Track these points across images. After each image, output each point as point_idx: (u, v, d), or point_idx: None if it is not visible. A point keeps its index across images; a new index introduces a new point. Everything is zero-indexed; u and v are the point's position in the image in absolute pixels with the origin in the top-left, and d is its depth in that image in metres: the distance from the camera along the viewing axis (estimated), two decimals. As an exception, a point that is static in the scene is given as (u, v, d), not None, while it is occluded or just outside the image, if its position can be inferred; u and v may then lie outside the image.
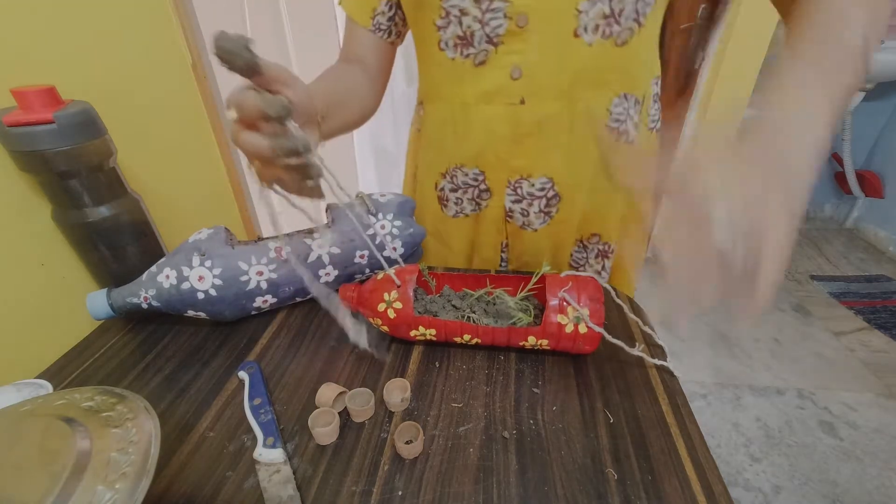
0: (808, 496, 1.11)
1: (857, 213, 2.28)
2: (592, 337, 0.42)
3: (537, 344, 0.43)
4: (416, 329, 0.44)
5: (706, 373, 1.48)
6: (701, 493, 0.33)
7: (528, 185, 0.55)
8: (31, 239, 0.48)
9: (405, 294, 0.44)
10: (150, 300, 0.46)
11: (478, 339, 0.45)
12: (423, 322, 0.44)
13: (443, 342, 0.46)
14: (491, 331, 0.43)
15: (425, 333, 0.45)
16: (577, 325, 0.41)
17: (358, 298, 0.47)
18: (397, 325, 0.44)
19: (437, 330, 0.44)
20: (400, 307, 0.43)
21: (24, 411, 0.30)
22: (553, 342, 0.43)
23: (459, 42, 0.48)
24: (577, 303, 0.41)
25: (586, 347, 0.43)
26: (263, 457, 0.35)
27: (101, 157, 0.47)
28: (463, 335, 0.44)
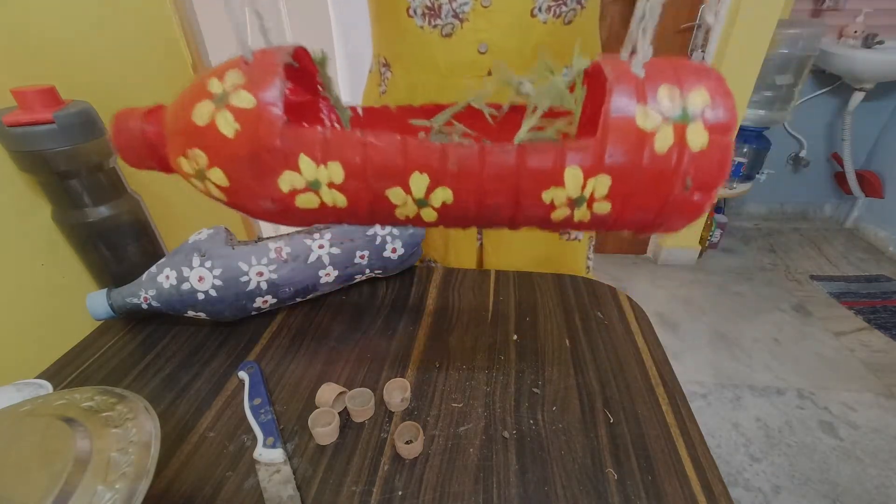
0: (808, 496, 1.11)
1: (857, 213, 2.28)
2: (714, 160, 0.20)
3: (584, 195, 0.20)
4: (296, 169, 0.20)
5: (706, 373, 1.48)
6: (701, 493, 0.33)
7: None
8: (31, 239, 0.48)
9: (263, 73, 0.20)
10: (150, 300, 0.46)
11: (447, 188, 0.21)
12: (309, 144, 0.20)
13: (363, 210, 0.22)
14: (478, 159, 0.20)
15: (318, 181, 0.20)
16: (681, 130, 0.19)
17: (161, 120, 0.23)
18: (247, 163, 0.20)
19: (349, 167, 0.20)
20: (250, 106, 0.20)
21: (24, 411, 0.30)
22: (623, 184, 0.20)
23: (427, 12, 0.51)
24: (676, 84, 0.19)
25: (695, 198, 0.20)
26: (263, 457, 0.35)
27: (101, 157, 0.47)
28: (410, 177, 0.20)
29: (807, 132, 2.16)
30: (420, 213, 0.22)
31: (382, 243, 0.52)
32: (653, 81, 0.20)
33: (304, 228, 0.51)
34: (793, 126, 2.14)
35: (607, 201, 0.20)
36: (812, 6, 1.88)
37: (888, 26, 1.85)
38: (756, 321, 1.71)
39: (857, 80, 1.88)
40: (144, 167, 0.25)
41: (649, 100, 0.19)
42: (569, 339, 0.48)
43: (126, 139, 0.23)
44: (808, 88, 2.05)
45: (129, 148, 0.24)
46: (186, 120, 0.21)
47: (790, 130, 2.17)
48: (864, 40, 1.84)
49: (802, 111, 2.07)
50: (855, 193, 2.20)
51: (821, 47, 1.79)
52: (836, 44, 1.89)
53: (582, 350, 0.46)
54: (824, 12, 1.88)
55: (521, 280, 0.57)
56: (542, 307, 0.53)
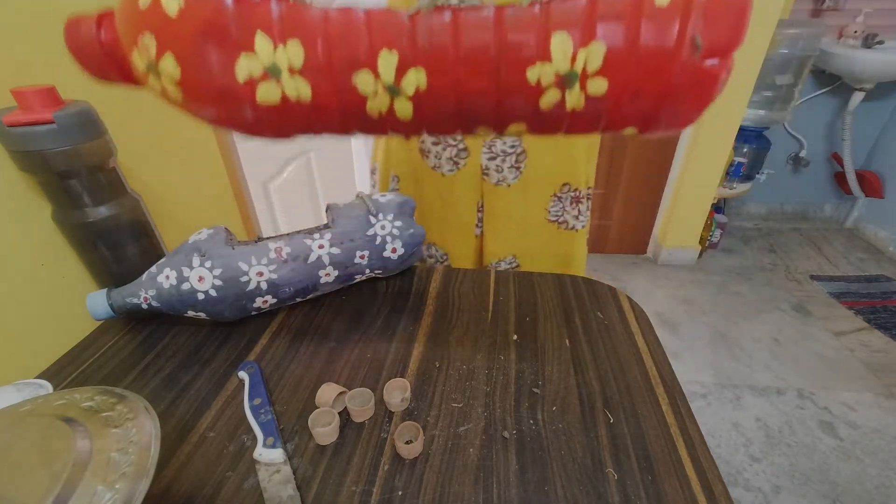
0: (808, 496, 1.11)
1: (857, 213, 2.28)
2: (733, 7, 0.17)
3: (574, 70, 0.17)
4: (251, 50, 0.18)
5: (706, 373, 1.48)
6: (701, 493, 0.33)
7: (502, 143, 0.64)
8: (31, 239, 0.48)
9: None
10: (150, 300, 0.46)
11: (420, 68, 0.18)
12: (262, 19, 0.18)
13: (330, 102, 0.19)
14: (450, 30, 0.17)
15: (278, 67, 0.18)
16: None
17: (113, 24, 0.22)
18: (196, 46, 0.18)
19: (309, 47, 0.18)
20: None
21: (24, 411, 0.30)
22: (619, 54, 0.17)
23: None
24: None
25: (706, 66, 0.18)
26: (263, 457, 0.35)
27: (101, 157, 0.47)
28: (378, 56, 0.18)
29: (807, 132, 2.16)
30: (394, 107, 0.19)
31: (382, 243, 0.52)
32: None
33: (304, 229, 0.51)
34: (793, 126, 2.14)
35: (603, 77, 0.17)
36: (812, 6, 1.88)
37: (888, 26, 1.85)
38: (756, 321, 1.71)
39: (857, 80, 1.88)
40: (107, 78, 0.23)
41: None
42: (569, 339, 0.48)
43: (81, 47, 0.21)
44: (808, 88, 2.05)
45: (86, 56, 0.22)
46: (132, 5, 0.19)
47: (790, 130, 2.17)
48: (864, 40, 1.84)
49: (802, 111, 2.07)
50: (855, 193, 2.20)
51: (821, 47, 1.79)
52: (836, 44, 1.89)
53: (582, 350, 0.46)
54: (824, 12, 1.88)
55: (521, 280, 0.57)
56: (542, 307, 0.53)
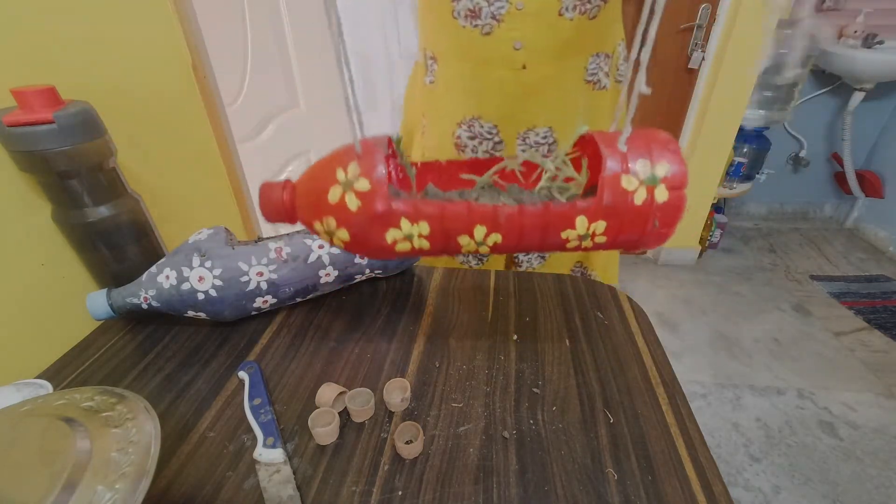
0: (808, 496, 1.11)
1: (857, 213, 2.28)
2: (673, 207, 0.29)
3: (588, 233, 0.30)
4: (397, 227, 0.29)
5: (706, 373, 1.48)
6: (701, 493, 0.33)
7: (535, 134, 0.67)
8: (31, 239, 0.48)
9: (372, 165, 0.28)
10: (150, 300, 0.46)
11: (498, 233, 0.30)
12: (407, 213, 0.29)
13: (440, 249, 0.31)
14: (518, 215, 0.29)
15: (412, 234, 0.29)
16: (651, 189, 0.28)
17: (294, 192, 0.31)
18: (365, 226, 0.29)
19: (432, 224, 0.29)
20: (366, 189, 0.28)
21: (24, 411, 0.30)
22: (614, 225, 0.29)
23: (469, 14, 0.58)
24: (647, 157, 0.28)
25: (662, 230, 0.30)
26: (263, 457, 0.35)
27: (101, 157, 0.47)
28: (473, 228, 0.29)
29: (807, 132, 2.16)
30: (478, 250, 0.31)
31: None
32: (632, 154, 0.28)
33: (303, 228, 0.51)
34: (793, 126, 2.14)
35: (604, 236, 0.30)
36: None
37: (888, 26, 1.85)
38: (756, 321, 1.71)
39: (857, 80, 1.88)
40: (279, 221, 0.33)
41: (630, 169, 0.28)
42: (569, 339, 0.48)
43: (270, 206, 0.32)
44: (808, 88, 2.05)
45: (271, 211, 0.32)
46: (322, 198, 0.29)
47: (790, 130, 2.17)
48: (864, 40, 1.84)
49: (802, 111, 2.07)
50: (855, 193, 2.20)
51: (821, 47, 1.79)
52: (836, 44, 1.89)
53: (582, 350, 0.46)
54: (824, 12, 1.88)
55: (521, 280, 0.57)
56: (542, 307, 0.53)
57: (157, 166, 0.65)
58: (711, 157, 1.79)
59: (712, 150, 1.77)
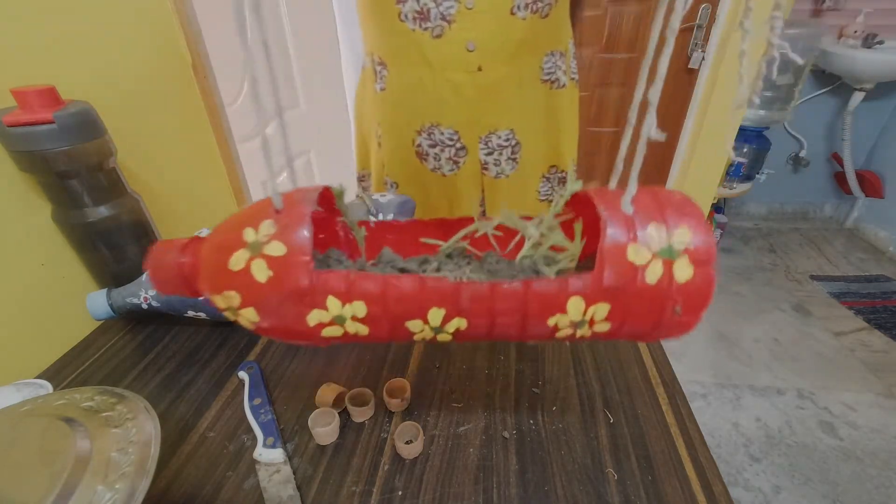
0: (808, 496, 1.11)
1: (857, 213, 2.28)
2: (699, 289, 0.21)
3: (585, 319, 0.22)
4: (322, 308, 0.22)
5: (706, 373, 1.48)
6: (701, 493, 0.33)
7: (497, 137, 0.66)
8: (31, 239, 0.48)
9: (292, 223, 0.21)
10: (149, 300, 0.46)
11: (462, 318, 0.22)
12: (336, 289, 0.21)
13: (385, 336, 0.24)
14: (488, 296, 0.21)
15: (343, 317, 0.22)
16: (668, 264, 0.21)
17: (198, 254, 0.25)
18: (277, 304, 0.22)
19: (371, 306, 0.22)
20: (281, 254, 0.21)
21: (24, 411, 0.30)
22: (620, 310, 0.22)
23: (418, 16, 0.56)
24: (661, 221, 0.21)
25: (685, 319, 0.22)
26: (263, 457, 0.35)
27: (101, 157, 0.47)
28: (428, 312, 0.22)
29: (807, 132, 2.16)
30: (436, 338, 0.24)
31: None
32: (641, 218, 0.21)
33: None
34: (793, 126, 2.14)
35: (607, 322, 0.22)
36: (812, 6, 1.88)
37: (888, 26, 1.85)
38: (756, 321, 1.71)
39: (857, 80, 1.88)
40: (174, 293, 0.26)
41: (639, 236, 0.21)
42: (569, 339, 0.48)
43: (162, 272, 0.25)
44: (808, 88, 2.05)
45: (164, 280, 0.25)
46: (223, 265, 0.22)
47: (790, 130, 2.16)
48: (864, 40, 1.84)
49: (802, 111, 2.07)
50: (855, 193, 2.19)
51: (821, 47, 1.79)
52: (836, 44, 1.89)
53: (582, 350, 0.46)
54: (824, 12, 1.88)
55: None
56: (542, 307, 0.52)
57: (157, 166, 0.65)
58: (711, 157, 1.78)
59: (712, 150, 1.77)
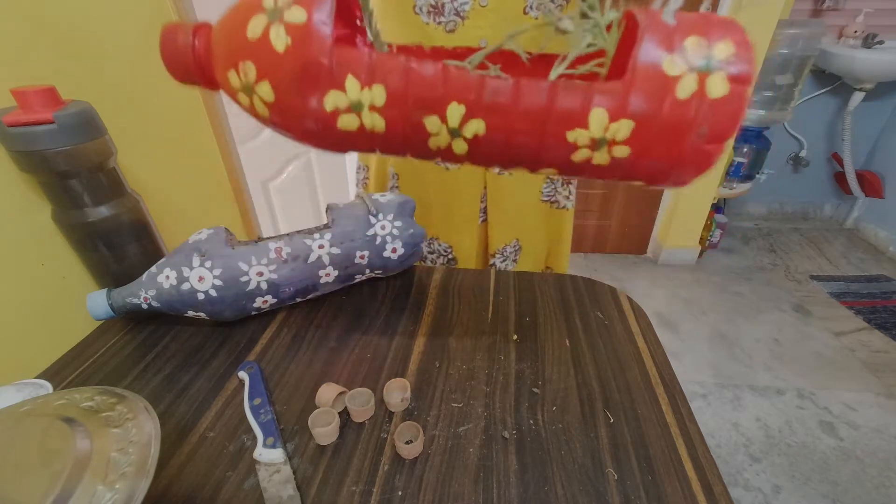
0: (808, 496, 1.11)
1: (857, 213, 2.28)
2: (731, 110, 0.20)
3: (606, 137, 0.21)
4: (341, 88, 0.21)
5: (706, 373, 1.48)
6: (701, 493, 0.33)
7: None
8: (31, 239, 0.48)
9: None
10: (150, 301, 0.46)
11: (481, 119, 0.22)
12: (356, 67, 0.21)
13: (399, 137, 0.23)
14: (512, 94, 0.21)
15: (361, 103, 0.21)
16: (703, 78, 0.20)
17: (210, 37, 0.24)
18: (295, 78, 0.21)
19: (392, 91, 0.21)
20: (301, 22, 0.20)
21: (24, 411, 0.30)
22: (644, 129, 0.21)
23: (432, 10, 0.57)
24: (703, 36, 0.20)
25: (707, 147, 0.21)
26: (263, 457, 0.35)
27: (101, 157, 0.47)
28: (448, 106, 0.21)
29: (807, 132, 2.16)
30: (452, 144, 0.22)
31: (382, 243, 0.52)
32: (682, 30, 0.20)
33: (304, 229, 0.51)
34: (793, 126, 2.14)
35: (627, 145, 0.21)
36: (812, 6, 1.88)
37: (888, 26, 1.85)
38: (756, 321, 1.71)
39: (857, 80, 1.88)
40: (189, 82, 0.26)
41: (677, 48, 0.20)
42: (569, 339, 0.48)
43: (173, 53, 0.24)
44: (808, 88, 2.05)
45: (176, 62, 0.24)
46: (239, 33, 0.21)
47: (790, 130, 2.17)
48: (864, 40, 1.84)
49: (802, 111, 2.07)
50: (855, 193, 2.20)
51: (821, 47, 1.79)
52: (836, 44, 1.89)
53: (582, 350, 0.46)
54: (824, 12, 1.88)
55: (521, 280, 0.57)
56: (542, 307, 0.53)
57: (157, 166, 0.65)
58: (711, 157, 1.78)
59: (712, 150, 1.77)
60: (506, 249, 0.74)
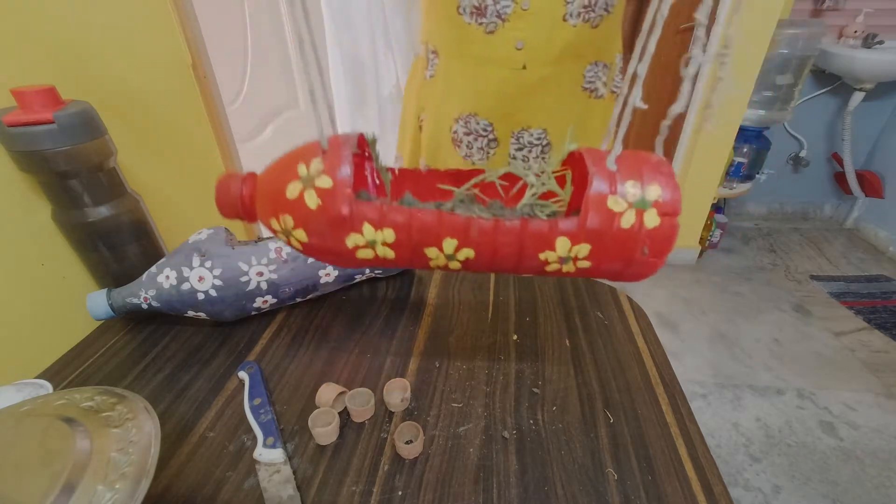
0: (808, 496, 1.11)
1: (857, 213, 2.28)
2: (664, 235, 0.26)
3: (570, 256, 0.27)
4: (359, 232, 0.27)
5: (706, 373, 1.48)
6: (701, 493, 0.33)
7: (529, 135, 0.68)
8: (31, 239, 0.48)
9: (337, 162, 0.26)
10: (150, 301, 0.46)
11: (470, 248, 0.28)
12: (371, 217, 0.27)
13: (406, 261, 0.29)
14: (492, 230, 0.27)
15: (375, 241, 0.27)
16: (640, 213, 0.26)
17: (255, 187, 0.30)
18: (324, 227, 0.27)
19: (399, 233, 0.27)
20: (328, 187, 0.26)
21: (24, 411, 0.30)
22: (598, 250, 0.27)
23: (475, 11, 0.59)
24: (638, 178, 0.26)
25: (651, 260, 0.27)
26: (263, 457, 0.35)
27: (101, 157, 0.47)
28: (443, 241, 0.27)
29: (807, 132, 2.16)
30: (448, 265, 0.29)
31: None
32: (622, 175, 0.26)
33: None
34: (793, 126, 2.14)
35: (587, 260, 0.28)
36: (812, 6, 1.88)
37: (888, 26, 1.85)
38: (756, 321, 1.71)
39: (857, 80, 1.88)
40: (234, 218, 0.32)
41: (619, 189, 0.26)
42: (569, 339, 0.48)
43: (227, 199, 0.30)
44: (808, 88, 2.05)
45: (227, 205, 0.31)
46: (280, 194, 0.27)
47: (790, 130, 2.17)
48: (864, 40, 1.84)
49: (802, 111, 2.07)
50: (855, 193, 2.20)
51: (821, 47, 1.79)
52: (836, 44, 1.89)
53: (582, 350, 0.46)
54: (824, 12, 1.88)
55: (521, 280, 0.57)
56: (542, 307, 0.53)
57: (157, 166, 0.65)
58: (711, 157, 1.78)
59: (712, 150, 1.77)
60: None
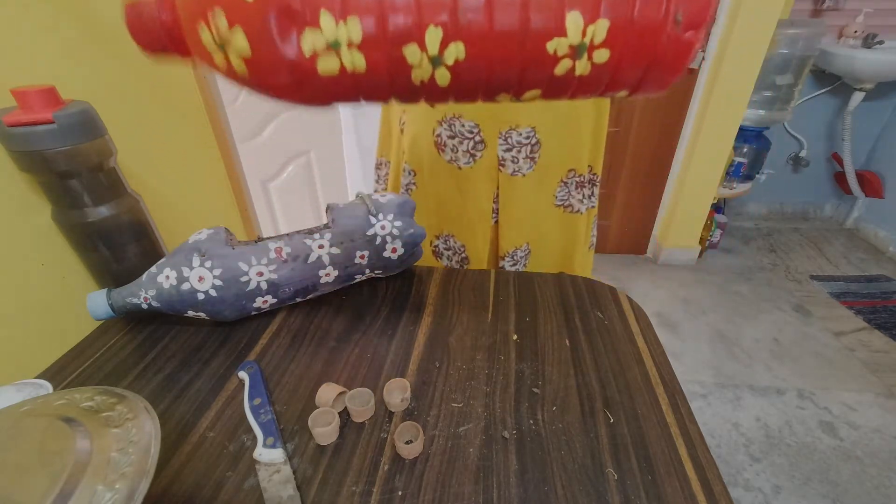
0: (808, 496, 1.11)
1: (857, 213, 2.28)
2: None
3: (584, 42, 0.21)
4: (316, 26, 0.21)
5: (706, 373, 1.48)
6: (701, 493, 0.33)
7: (517, 134, 0.66)
8: (31, 239, 0.48)
9: None
10: (150, 300, 0.46)
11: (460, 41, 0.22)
12: (329, 2, 0.21)
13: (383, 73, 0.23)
14: (486, 10, 0.21)
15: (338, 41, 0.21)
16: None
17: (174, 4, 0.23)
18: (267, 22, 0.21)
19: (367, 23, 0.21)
20: None
21: (24, 411, 0.30)
22: (620, 26, 0.21)
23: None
24: None
25: (685, 37, 0.21)
26: (263, 457, 0.35)
27: (101, 157, 0.47)
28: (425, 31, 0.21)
29: (807, 132, 2.16)
30: (435, 75, 0.22)
31: (382, 243, 0.52)
32: None
33: (304, 229, 0.51)
34: (793, 126, 2.14)
35: (606, 47, 0.21)
36: (812, 6, 1.88)
37: (888, 26, 1.85)
38: (756, 321, 1.71)
39: (857, 80, 1.88)
40: (163, 53, 0.25)
41: None
42: (569, 339, 0.48)
43: (141, 28, 0.24)
44: (808, 88, 2.05)
45: (146, 35, 0.24)
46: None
47: (790, 130, 2.17)
48: (864, 40, 1.84)
49: (802, 111, 2.07)
50: (855, 193, 2.20)
51: (821, 47, 1.79)
52: (836, 44, 1.89)
53: (582, 350, 0.46)
54: (824, 12, 1.88)
55: (521, 280, 0.57)
56: (542, 307, 0.53)
57: (157, 166, 0.65)
58: (711, 157, 1.79)
59: (712, 150, 1.77)
60: (516, 253, 0.74)
